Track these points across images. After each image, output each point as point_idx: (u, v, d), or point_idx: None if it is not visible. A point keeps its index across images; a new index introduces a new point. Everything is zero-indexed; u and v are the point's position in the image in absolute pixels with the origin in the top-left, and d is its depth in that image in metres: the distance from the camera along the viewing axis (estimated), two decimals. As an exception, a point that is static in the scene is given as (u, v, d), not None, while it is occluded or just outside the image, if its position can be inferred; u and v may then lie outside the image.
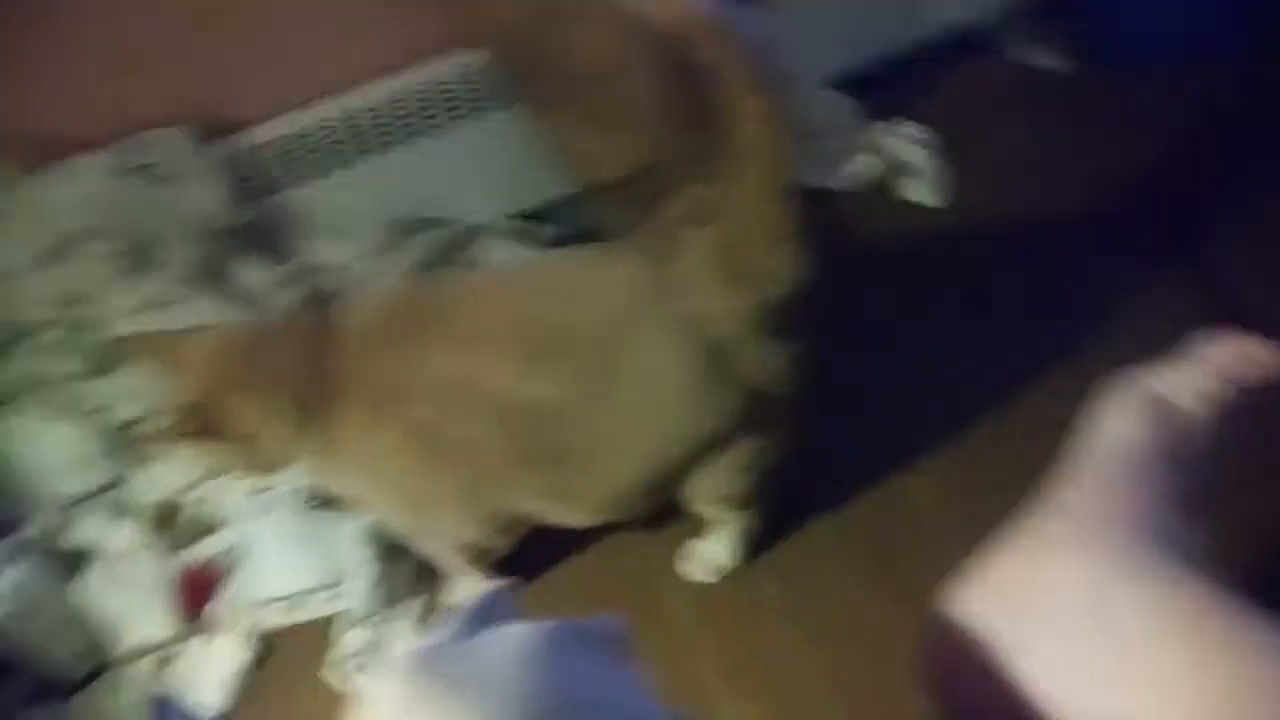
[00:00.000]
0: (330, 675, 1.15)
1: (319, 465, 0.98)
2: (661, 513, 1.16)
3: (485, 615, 0.63)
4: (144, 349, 1.01)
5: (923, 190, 1.45)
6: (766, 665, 1.08)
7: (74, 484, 1.23)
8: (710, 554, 1.15)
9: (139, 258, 1.23)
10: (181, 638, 1.18)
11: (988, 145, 1.51)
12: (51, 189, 1.18)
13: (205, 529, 1.24)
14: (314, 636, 1.18)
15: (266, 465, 0.98)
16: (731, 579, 1.15)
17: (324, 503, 1.24)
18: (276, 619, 1.19)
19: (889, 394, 1.25)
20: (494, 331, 0.91)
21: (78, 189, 1.18)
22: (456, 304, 0.94)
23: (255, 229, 1.31)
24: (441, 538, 1.06)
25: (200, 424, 0.92)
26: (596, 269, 0.94)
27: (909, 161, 1.47)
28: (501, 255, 1.40)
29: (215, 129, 1.26)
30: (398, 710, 0.53)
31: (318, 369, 0.92)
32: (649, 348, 0.89)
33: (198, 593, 1.19)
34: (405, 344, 0.92)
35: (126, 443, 1.25)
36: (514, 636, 0.58)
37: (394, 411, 0.91)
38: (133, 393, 1.24)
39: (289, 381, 0.92)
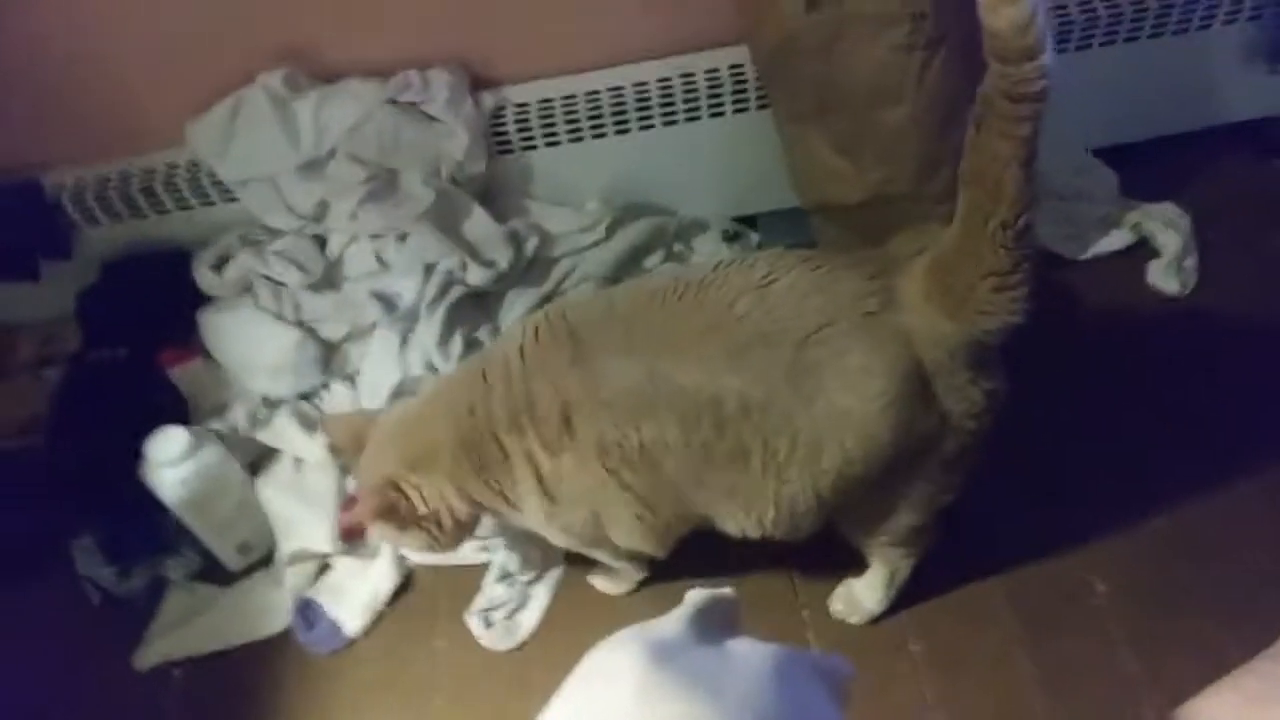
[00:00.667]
0: (468, 620, 1.17)
1: (500, 512, 1.00)
2: (822, 546, 1.14)
3: (710, 619, 0.63)
4: (332, 431, 1.04)
5: (1166, 276, 1.36)
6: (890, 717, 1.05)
7: (276, 385, 1.30)
8: (861, 594, 1.12)
9: (386, 186, 1.29)
10: (338, 554, 1.23)
11: (1245, 248, 1.41)
12: (328, 104, 1.25)
13: (383, 456, 1.29)
14: (458, 581, 1.21)
15: (451, 539, 1.01)
16: (884, 628, 1.12)
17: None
18: (428, 558, 1.23)
19: (1080, 475, 1.20)
20: (684, 329, 0.90)
21: (350, 110, 1.24)
22: (632, 312, 0.94)
23: (489, 182, 1.35)
24: (607, 545, 1.06)
25: (383, 508, 0.96)
26: (812, 272, 0.91)
27: (1160, 244, 1.38)
28: (708, 254, 1.41)
29: (477, 80, 1.31)
30: (635, 690, 0.54)
31: (478, 425, 0.95)
32: (858, 352, 0.87)
33: (364, 514, 1.24)
34: (578, 364, 0.92)
35: (330, 359, 1.32)
36: (753, 654, 0.58)
37: (574, 435, 0.92)
38: (347, 314, 1.31)
39: (449, 447, 0.95)
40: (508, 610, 1.18)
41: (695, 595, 0.67)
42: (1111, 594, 1.11)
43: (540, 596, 1.19)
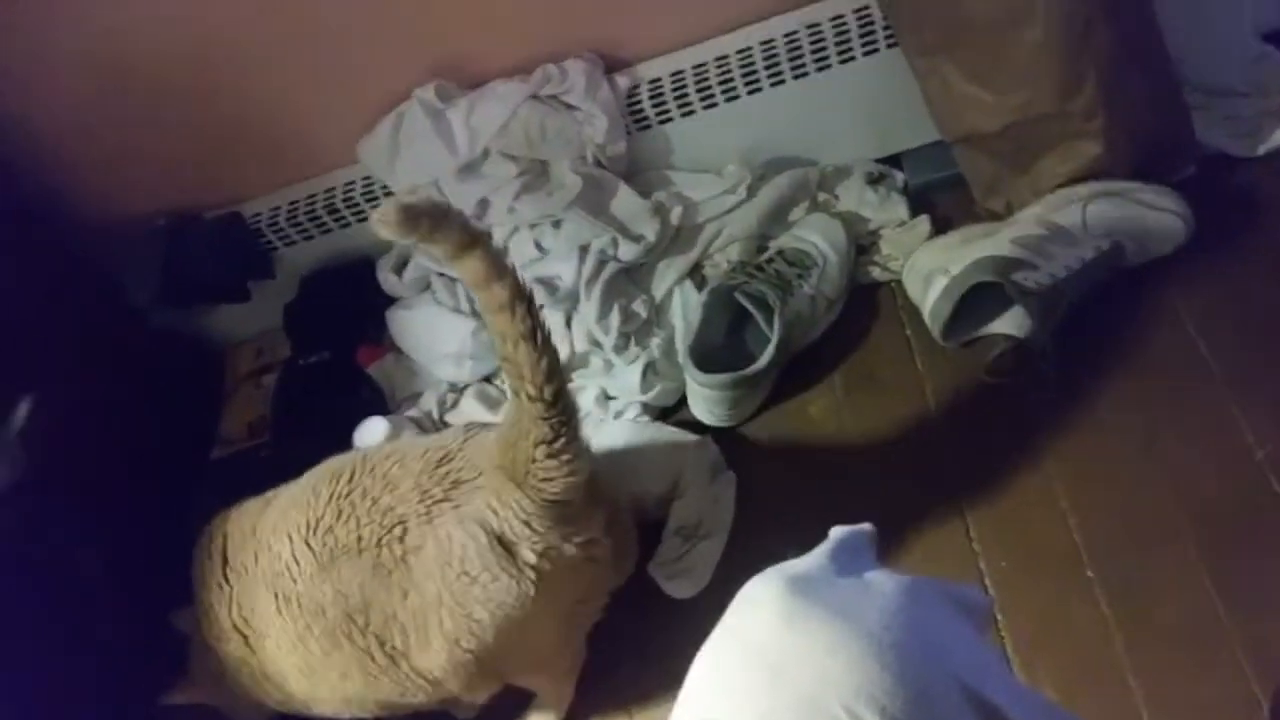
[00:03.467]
0: (651, 571, 1.24)
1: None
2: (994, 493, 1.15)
3: (849, 553, 0.68)
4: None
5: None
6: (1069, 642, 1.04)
7: (459, 372, 1.41)
8: None
9: (538, 177, 1.38)
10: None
11: None
12: (477, 108, 1.34)
13: (560, 427, 1.39)
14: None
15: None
16: (1058, 555, 1.09)
17: (660, 416, 1.35)
18: (611, 516, 1.31)
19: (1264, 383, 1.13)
20: (281, 559, 1.00)
21: (497, 110, 1.33)
22: (260, 536, 1.03)
23: (631, 159, 1.41)
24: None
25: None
26: (379, 471, 1.00)
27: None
28: (854, 200, 1.42)
29: (610, 63, 1.37)
30: (779, 616, 0.59)
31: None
32: (431, 542, 0.94)
33: (549, 482, 1.34)
34: (220, 586, 1.05)
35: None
36: (888, 582, 0.62)
37: (219, 650, 1.06)
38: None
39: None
40: (686, 563, 1.24)
41: (836, 531, 0.72)
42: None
43: (712, 550, 1.24)
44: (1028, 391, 1.22)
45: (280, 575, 1.00)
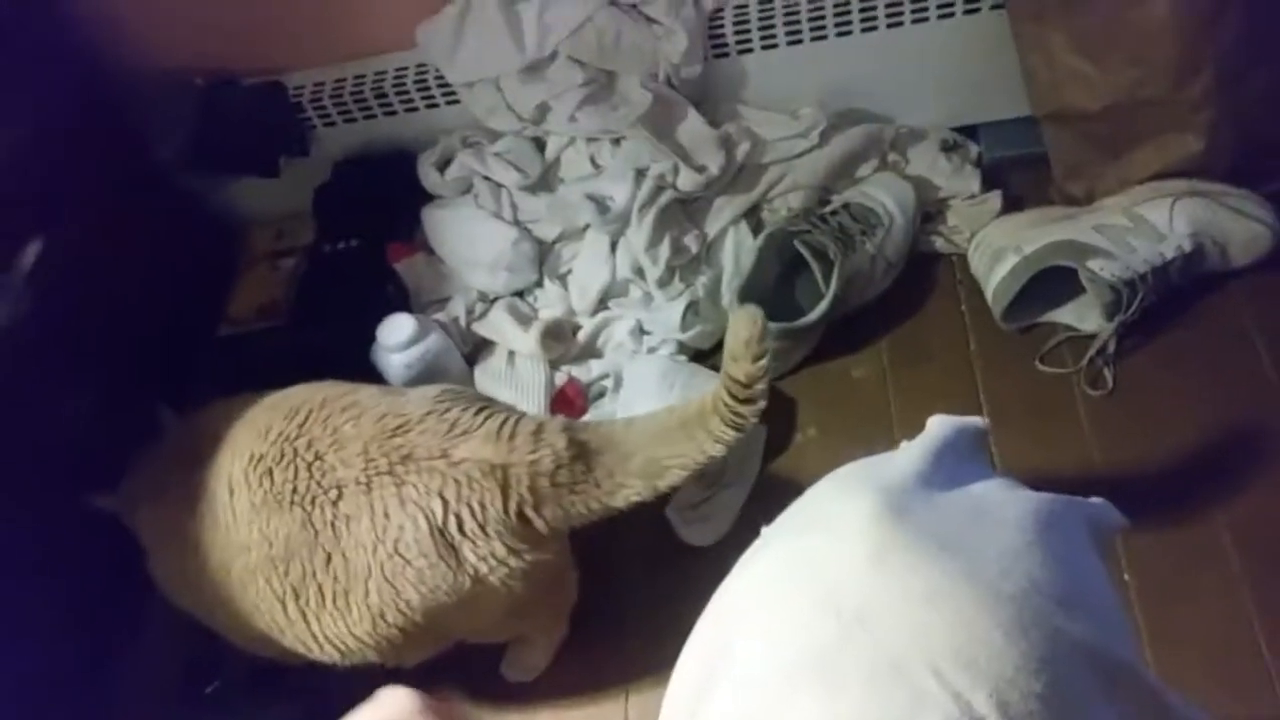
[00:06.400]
0: (669, 514, 1.19)
1: None
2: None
3: (955, 455, 0.55)
4: None
5: None
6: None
7: (493, 281, 1.35)
8: (527, 658, 1.12)
9: (604, 89, 1.30)
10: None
11: None
12: (552, 5, 1.26)
13: (590, 353, 1.33)
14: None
15: None
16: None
17: (694, 359, 1.30)
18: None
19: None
20: (222, 479, 0.96)
21: (573, 11, 1.25)
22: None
23: (703, 86, 1.33)
24: None
25: None
26: (331, 428, 0.95)
27: None
28: (926, 165, 1.35)
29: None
30: (870, 553, 0.47)
31: None
32: (366, 515, 0.90)
33: (571, 406, 1.28)
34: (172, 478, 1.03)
35: (544, 258, 1.36)
36: (1012, 505, 0.50)
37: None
38: (561, 215, 1.34)
39: None
40: (705, 509, 1.20)
41: (938, 424, 0.57)
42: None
43: (734, 499, 1.20)
44: (1081, 387, 1.18)
45: (217, 497, 0.96)
